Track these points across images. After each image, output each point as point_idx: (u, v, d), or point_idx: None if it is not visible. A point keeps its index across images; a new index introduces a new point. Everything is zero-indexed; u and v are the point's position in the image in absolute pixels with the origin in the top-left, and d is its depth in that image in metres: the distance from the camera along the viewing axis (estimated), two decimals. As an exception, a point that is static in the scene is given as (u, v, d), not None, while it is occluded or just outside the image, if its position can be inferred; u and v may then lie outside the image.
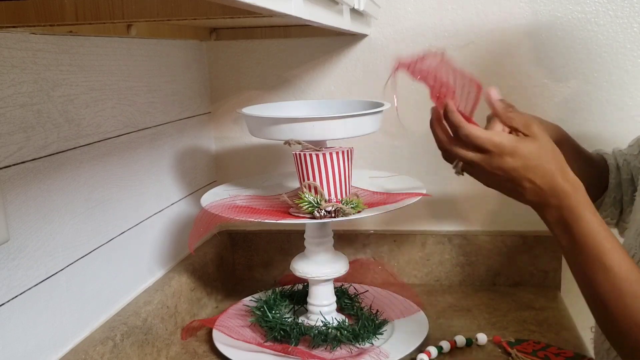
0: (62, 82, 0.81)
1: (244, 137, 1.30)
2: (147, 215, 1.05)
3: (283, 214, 0.93)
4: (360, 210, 0.92)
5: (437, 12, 1.19)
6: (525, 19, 1.16)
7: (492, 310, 1.14)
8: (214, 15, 0.62)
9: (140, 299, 0.99)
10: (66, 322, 0.82)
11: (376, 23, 1.21)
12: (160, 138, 1.09)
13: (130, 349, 0.89)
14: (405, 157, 1.25)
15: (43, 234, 0.78)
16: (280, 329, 0.98)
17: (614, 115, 1.17)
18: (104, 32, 0.89)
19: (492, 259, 1.25)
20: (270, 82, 1.28)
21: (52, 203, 0.79)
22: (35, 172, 0.76)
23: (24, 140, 0.74)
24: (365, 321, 1.00)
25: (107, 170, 0.92)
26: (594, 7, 1.14)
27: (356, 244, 1.28)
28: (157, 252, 1.09)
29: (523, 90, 1.18)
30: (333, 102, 1.11)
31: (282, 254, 1.31)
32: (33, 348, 0.76)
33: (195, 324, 1.08)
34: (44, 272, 0.78)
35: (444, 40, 1.19)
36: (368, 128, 0.95)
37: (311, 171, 0.91)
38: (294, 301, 1.09)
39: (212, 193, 1.05)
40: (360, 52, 1.23)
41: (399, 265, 1.28)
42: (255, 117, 0.95)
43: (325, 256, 1.01)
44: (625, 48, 1.14)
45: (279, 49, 1.26)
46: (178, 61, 1.17)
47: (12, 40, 0.72)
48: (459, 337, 1.01)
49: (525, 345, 0.98)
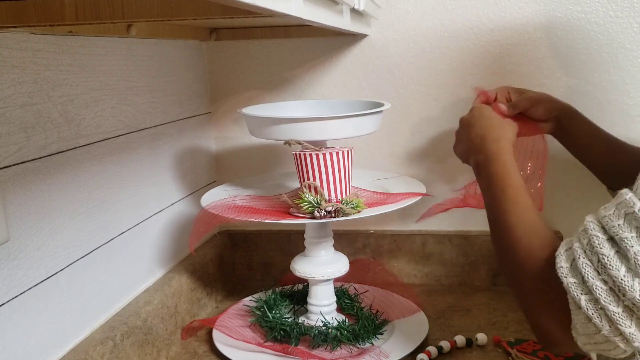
0: (62, 82, 0.81)
1: (244, 137, 1.30)
2: (147, 215, 1.05)
3: (283, 214, 0.93)
4: (360, 210, 0.92)
5: (437, 12, 1.19)
6: (525, 19, 1.16)
7: (492, 310, 1.14)
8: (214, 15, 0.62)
9: (140, 299, 0.99)
10: (66, 322, 0.82)
11: (376, 23, 1.21)
12: (160, 138, 1.09)
13: (130, 349, 0.89)
14: (405, 157, 1.25)
15: (43, 234, 0.78)
16: (280, 329, 0.98)
17: (614, 115, 1.17)
18: (104, 32, 0.89)
19: (492, 259, 1.25)
20: (270, 82, 1.28)
21: (52, 203, 0.79)
22: (35, 172, 0.76)
23: (24, 140, 0.74)
24: (365, 321, 1.00)
25: (107, 170, 0.92)
26: (594, 7, 1.14)
27: (356, 244, 1.28)
28: (157, 252, 1.09)
29: (523, 90, 1.18)
30: (333, 102, 1.11)
31: (282, 254, 1.31)
32: (33, 348, 0.76)
33: (195, 324, 1.08)
34: (44, 272, 0.78)
35: (444, 40, 1.19)
36: (368, 128, 0.95)
37: (311, 171, 0.91)
38: (294, 301, 1.09)
39: (212, 193, 1.05)
40: (360, 52, 1.23)
41: (399, 265, 1.28)
42: (255, 117, 0.95)
43: (325, 256, 1.01)
44: (625, 48, 1.14)
45: (279, 49, 1.26)
46: (178, 61, 1.17)
47: (12, 40, 0.72)
48: (459, 337, 1.01)
49: (525, 345, 0.98)
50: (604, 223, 0.61)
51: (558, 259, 0.64)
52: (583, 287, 0.61)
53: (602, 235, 0.61)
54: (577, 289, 0.61)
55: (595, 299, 0.59)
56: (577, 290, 0.61)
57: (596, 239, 0.61)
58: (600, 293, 0.59)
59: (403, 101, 1.23)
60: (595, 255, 0.60)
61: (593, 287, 0.59)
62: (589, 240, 0.61)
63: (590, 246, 0.61)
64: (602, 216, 0.62)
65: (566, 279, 0.62)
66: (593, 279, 0.60)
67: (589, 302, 0.60)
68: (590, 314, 0.60)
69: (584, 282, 0.60)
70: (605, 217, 0.61)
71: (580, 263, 0.61)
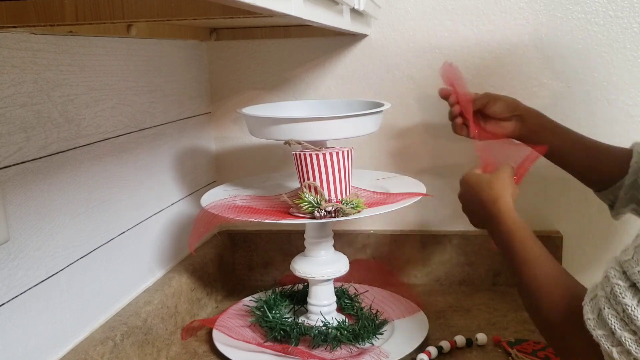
0: (62, 82, 0.81)
1: (244, 137, 1.30)
2: (147, 215, 1.05)
3: (283, 214, 0.93)
4: (360, 210, 0.92)
5: (437, 12, 1.19)
6: (525, 19, 1.16)
7: (492, 310, 1.14)
8: (214, 15, 0.62)
9: (140, 299, 0.99)
10: (66, 322, 0.82)
11: (376, 23, 1.21)
12: (160, 138, 1.09)
13: (130, 349, 0.89)
14: (405, 157, 1.25)
15: (43, 234, 0.78)
16: (280, 329, 0.98)
17: (614, 116, 1.17)
18: (104, 32, 0.89)
19: (492, 259, 1.25)
20: (270, 82, 1.28)
21: (52, 203, 0.79)
22: (35, 172, 0.76)
23: (24, 140, 0.74)
24: (365, 321, 1.00)
25: (107, 170, 0.92)
26: (594, 7, 1.14)
27: (356, 244, 1.28)
28: (157, 252, 1.09)
29: (523, 90, 1.18)
30: (333, 102, 1.11)
31: (282, 254, 1.31)
32: (33, 348, 0.76)
33: (195, 324, 1.08)
34: (44, 272, 0.78)
35: (444, 40, 1.19)
36: (368, 128, 0.95)
37: (311, 171, 0.91)
38: (294, 301, 1.09)
39: (212, 193, 1.05)
40: (360, 52, 1.23)
41: (399, 265, 1.28)
42: (255, 117, 0.95)
43: (325, 256, 1.01)
44: (625, 48, 1.14)
45: (279, 49, 1.26)
46: (178, 61, 1.17)
47: (12, 40, 0.72)
48: (459, 337, 1.01)
49: (525, 345, 0.98)
50: (625, 268, 0.60)
51: (585, 309, 0.64)
52: (613, 340, 0.60)
53: (624, 284, 0.60)
54: (607, 341, 0.60)
55: (627, 350, 0.59)
56: (607, 342, 0.60)
57: (618, 287, 0.60)
58: (630, 345, 0.59)
59: (403, 101, 1.23)
60: (619, 305, 0.60)
61: (622, 339, 0.59)
62: (611, 288, 0.61)
63: (613, 295, 0.60)
64: (623, 261, 0.61)
65: (595, 332, 0.62)
66: (621, 330, 0.59)
67: (621, 354, 0.59)
68: None
69: (612, 334, 0.60)
70: (625, 263, 0.60)
71: (606, 314, 0.60)
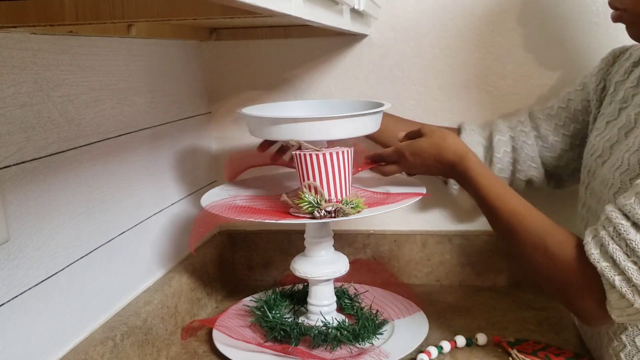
0: (62, 82, 0.81)
1: (244, 137, 1.30)
2: (147, 215, 1.05)
3: (283, 214, 0.93)
4: (360, 210, 0.91)
5: (437, 12, 1.19)
6: (525, 19, 1.16)
7: (492, 310, 1.14)
8: (214, 15, 0.63)
9: (140, 299, 0.99)
10: (66, 322, 0.82)
11: (376, 23, 1.21)
12: (160, 138, 1.09)
13: (130, 349, 0.89)
14: (405, 157, 1.25)
15: (43, 234, 0.78)
16: (281, 329, 0.98)
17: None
18: (104, 32, 0.89)
19: (492, 259, 1.25)
20: (270, 82, 1.28)
21: (52, 203, 0.79)
22: (35, 172, 0.76)
23: (24, 140, 0.74)
24: (365, 321, 1.00)
25: (107, 170, 0.92)
26: (594, 7, 1.14)
27: (356, 244, 1.28)
28: (157, 252, 1.09)
29: (525, 92, 1.18)
30: (333, 102, 1.11)
31: (282, 254, 1.31)
32: (33, 348, 0.76)
33: (195, 324, 1.08)
34: (44, 272, 0.78)
35: (444, 41, 1.19)
36: (368, 128, 0.95)
37: (311, 171, 0.91)
38: (294, 301, 1.09)
39: (212, 193, 1.05)
40: (360, 52, 1.23)
41: (399, 265, 1.28)
42: (255, 117, 0.95)
43: (325, 256, 1.01)
44: (625, 48, 1.14)
45: (279, 49, 1.26)
46: (178, 61, 1.17)
47: (12, 40, 0.72)
48: (459, 337, 1.01)
49: (525, 345, 0.98)
50: (625, 211, 0.71)
51: (587, 247, 0.74)
52: (616, 269, 0.71)
53: (626, 222, 0.70)
54: (611, 271, 0.71)
55: (628, 278, 0.70)
56: (610, 272, 0.71)
57: (621, 226, 0.70)
58: (632, 273, 0.69)
59: (403, 101, 1.23)
60: (622, 240, 0.70)
61: (625, 269, 0.70)
62: (614, 227, 0.71)
63: (616, 233, 0.71)
64: (623, 204, 0.71)
65: (599, 264, 0.72)
66: (624, 261, 0.70)
67: (622, 282, 0.70)
68: (624, 292, 0.70)
69: (615, 265, 0.71)
70: (626, 205, 0.71)
71: (610, 249, 0.71)
